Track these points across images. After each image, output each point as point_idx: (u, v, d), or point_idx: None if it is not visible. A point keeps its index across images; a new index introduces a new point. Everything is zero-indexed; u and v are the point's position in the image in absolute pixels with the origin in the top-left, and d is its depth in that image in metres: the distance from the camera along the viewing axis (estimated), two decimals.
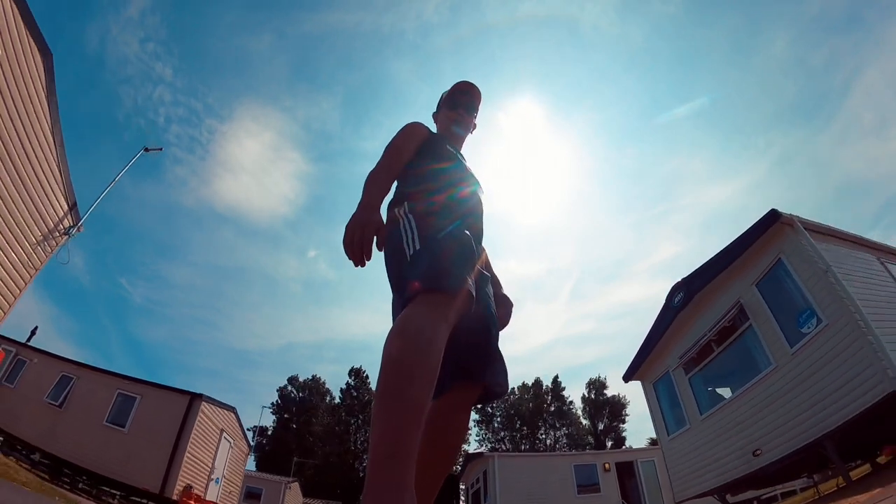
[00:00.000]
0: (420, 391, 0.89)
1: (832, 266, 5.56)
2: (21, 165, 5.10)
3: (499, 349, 1.30)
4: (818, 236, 6.15)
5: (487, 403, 1.36)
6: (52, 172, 5.65)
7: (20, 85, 4.82)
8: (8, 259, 5.14)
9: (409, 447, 0.84)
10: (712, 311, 7.29)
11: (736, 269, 6.85)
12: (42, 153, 5.43)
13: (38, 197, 5.48)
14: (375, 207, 1.18)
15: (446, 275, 1.05)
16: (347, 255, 1.11)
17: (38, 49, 5.01)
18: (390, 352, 0.93)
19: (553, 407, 38.48)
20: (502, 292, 1.52)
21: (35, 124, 5.22)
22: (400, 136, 1.42)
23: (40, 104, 5.26)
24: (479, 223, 1.42)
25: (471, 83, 1.68)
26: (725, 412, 7.01)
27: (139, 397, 10.45)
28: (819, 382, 5.51)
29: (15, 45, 4.65)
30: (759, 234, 6.33)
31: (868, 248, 6.84)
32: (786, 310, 6.11)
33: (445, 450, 1.21)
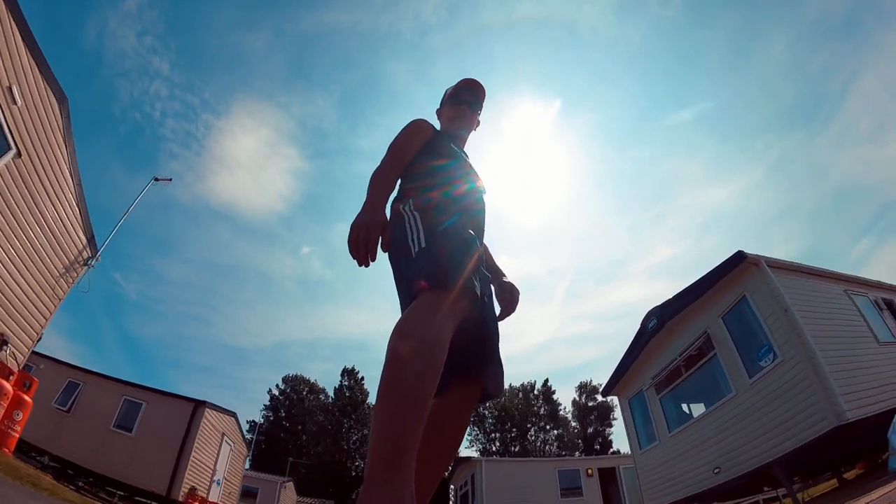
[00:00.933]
0: (423, 390, 0.88)
1: (792, 306, 6.13)
2: (43, 204, 5.54)
3: (497, 350, 1.30)
4: (784, 273, 6.73)
5: (481, 404, 1.36)
6: (71, 209, 6.09)
7: (40, 130, 5.25)
8: (34, 291, 5.59)
9: (411, 445, 0.83)
10: (682, 338, 7.88)
11: (705, 301, 7.42)
12: (62, 192, 5.87)
13: (59, 233, 5.93)
14: (380, 207, 1.20)
15: (452, 273, 1.04)
16: (352, 254, 1.11)
17: (54, 96, 5.44)
18: (395, 349, 0.92)
19: (543, 410, 39.24)
20: (507, 280, 1.51)
21: (55, 165, 5.66)
22: (403, 134, 1.43)
23: (59, 146, 5.69)
24: (482, 219, 1.43)
25: (475, 80, 1.67)
26: (691, 431, 7.62)
27: (145, 403, 10.90)
28: (773, 412, 6.11)
29: (34, 93, 5.07)
30: (726, 271, 6.90)
31: (836, 281, 7.41)
32: (747, 343, 6.70)
33: (444, 448, 1.20)
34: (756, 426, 6.34)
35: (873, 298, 7.52)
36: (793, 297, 6.30)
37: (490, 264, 1.53)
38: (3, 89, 4.56)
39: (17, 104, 4.76)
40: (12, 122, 4.78)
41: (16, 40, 4.59)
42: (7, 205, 4.95)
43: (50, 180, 5.59)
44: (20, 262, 5.29)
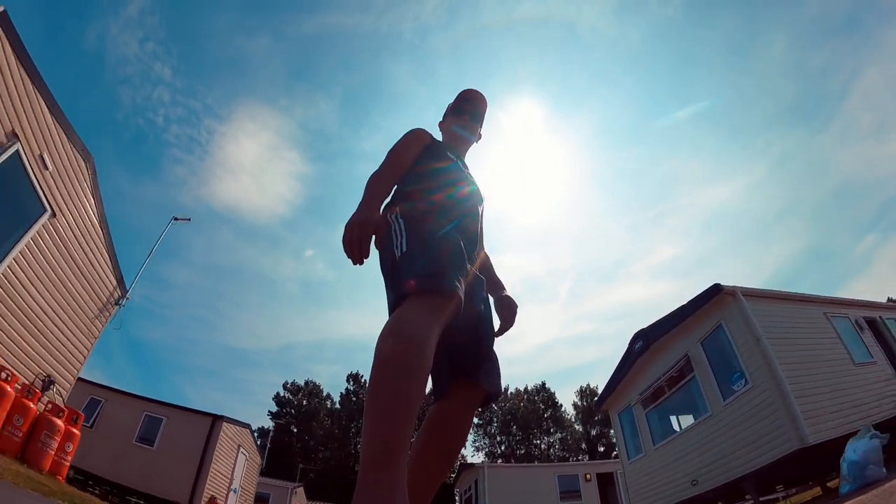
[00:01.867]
0: (412, 390, 0.89)
1: (764, 334, 6.72)
2: (77, 255, 6.23)
3: (492, 349, 1.31)
4: (761, 301, 7.33)
5: (484, 406, 1.37)
6: (101, 256, 6.78)
7: (70, 189, 5.92)
8: (73, 333, 6.30)
9: (401, 447, 0.84)
10: (665, 359, 8.51)
11: (687, 326, 8.04)
12: (93, 242, 6.55)
13: (92, 278, 6.62)
14: (374, 207, 1.21)
15: (436, 276, 1.06)
16: (346, 253, 1.13)
17: (81, 156, 6.10)
18: (382, 351, 0.93)
19: (548, 413, 39.91)
20: (506, 294, 1.52)
21: (85, 219, 6.34)
22: (402, 141, 1.45)
23: (88, 201, 6.37)
24: (476, 225, 1.43)
25: (477, 91, 1.69)
26: (673, 446, 8.26)
27: (165, 418, 11.64)
28: (744, 432, 6.73)
29: (62, 156, 5.72)
30: (704, 301, 7.50)
31: (816, 304, 7.97)
32: (722, 367, 7.32)
33: (444, 452, 1.21)
34: (729, 444, 6.97)
35: (854, 319, 8.05)
36: (766, 325, 6.88)
37: (491, 276, 1.54)
38: (35, 158, 5.22)
39: (48, 169, 5.43)
40: (45, 186, 5.45)
41: (43, 111, 5.25)
42: (46, 261, 5.64)
43: (82, 232, 6.27)
44: (60, 309, 5.99)
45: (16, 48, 4.64)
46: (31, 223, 5.36)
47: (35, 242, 5.42)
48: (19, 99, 4.81)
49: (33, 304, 5.47)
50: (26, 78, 4.86)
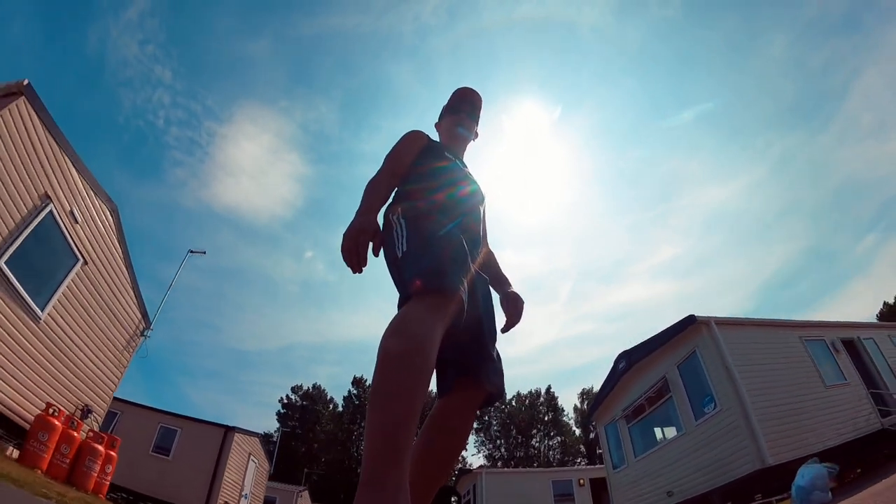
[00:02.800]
0: (415, 388, 0.89)
1: (734, 362, 7.38)
2: (107, 295, 6.95)
3: (495, 349, 1.31)
4: (735, 328, 7.99)
5: (485, 406, 1.37)
6: (128, 293, 7.51)
7: (98, 238, 6.60)
8: (105, 365, 7.02)
9: (404, 446, 0.84)
10: (646, 379, 9.17)
11: (665, 350, 8.70)
12: (120, 282, 7.27)
13: (120, 314, 7.34)
14: (371, 213, 1.22)
15: (438, 276, 1.06)
16: (345, 261, 1.14)
17: (107, 207, 6.78)
18: (385, 350, 0.94)
19: (547, 417, 40.63)
20: (512, 290, 1.52)
21: (113, 263, 7.04)
22: (399, 144, 1.46)
23: (114, 246, 7.07)
24: (478, 224, 1.44)
25: (471, 89, 1.71)
26: (651, 459, 8.95)
27: (179, 430, 12.42)
28: (712, 451, 7.40)
29: (90, 209, 6.40)
30: (680, 330, 8.12)
31: (792, 328, 8.64)
32: (696, 391, 7.98)
33: (446, 451, 1.22)
34: (700, 461, 7.64)
35: (830, 341, 8.65)
36: (737, 353, 7.52)
37: (496, 273, 1.55)
38: (66, 214, 5.91)
39: (78, 222, 6.11)
40: (76, 237, 6.14)
41: (70, 171, 5.91)
42: (80, 304, 6.36)
43: (110, 274, 6.97)
44: (94, 345, 6.72)
45: (42, 118, 5.28)
46: (67, 272, 6.07)
47: (70, 289, 6.14)
48: (48, 163, 5.49)
49: (71, 344, 6.19)
50: (53, 143, 5.53)
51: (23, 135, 5.05)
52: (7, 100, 4.84)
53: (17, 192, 5.08)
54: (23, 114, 5.02)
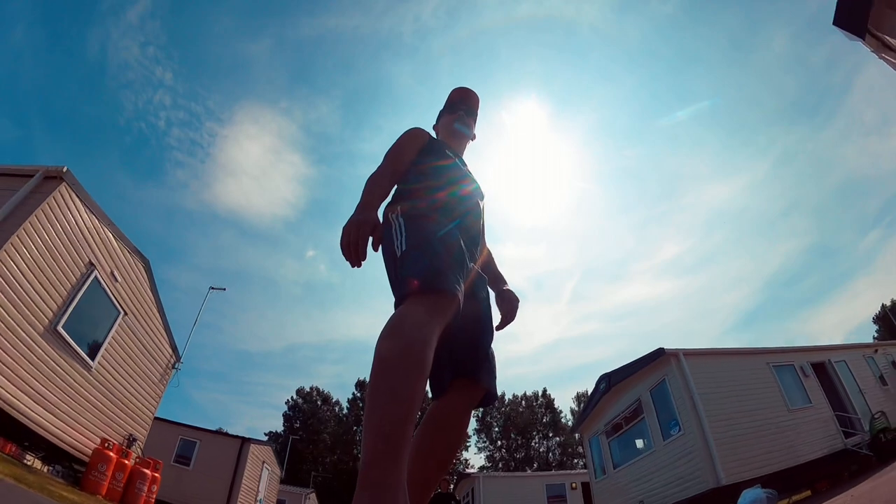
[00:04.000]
0: (411, 388, 0.90)
1: (698, 390, 8.34)
2: (144, 339, 8.04)
3: (490, 350, 1.34)
4: (703, 358, 8.98)
5: (483, 406, 1.38)
6: (160, 334, 8.59)
7: (135, 290, 7.65)
8: (144, 398, 8.12)
9: (402, 446, 0.85)
10: (623, 400, 10.20)
11: (640, 375, 9.71)
12: (154, 325, 8.35)
13: (155, 353, 8.43)
14: (372, 208, 1.22)
15: (436, 276, 1.07)
16: (344, 255, 1.14)
17: (140, 262, 7.81)
18: (381, 351, 0.95)
19: (546, 419, 41.90)
20: (507, 289, 1.54)
21: (148, 310, 8.12)
22: (399, 141, 1.48)
23: (148, 295, 8.14)
24: (477, 223, 1.46)
25: (467, 88, 1.74)
26: (627, 471, 10.04)
27: (198, 442, 13.57)
28: (676, 469, 8.42)
29: (127, 267, 7.43)
30: (652, 360, 9.09)
31: (761, 354, 9.51)
32: (664, 414, 8.98)
33: (443, 450, 1.24)
34: (666, 477, 8.68)
35: (799, 366, 9.49)
36: (702, 382, 8.49)
37: (492, 271, 1.57)
38: (108, 275, 6.93)
39: (118, 281, 7.14)
40: (117, 293, 7.19)
41: (109, 238, 6.92)
42: (123, 349, 7.45)
43: (146, 320, 8.05)
44: (136, 382, 7.82)
45: (82, 198, 6.26)
46: (111, 325, 7.14)
47: (114, 338, 7.21)
48: (90, 235, 6.50)
49: (117, 384, 7.28)
50: (93, 217, 6.54)
51: (67, 215, 6.04)
52: (49, 182, 5.81)
53: (66, 264, 6.11)
54: (65, 197, 5.99)
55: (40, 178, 5.74)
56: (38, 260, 5.59)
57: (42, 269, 5.66)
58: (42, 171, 5.80)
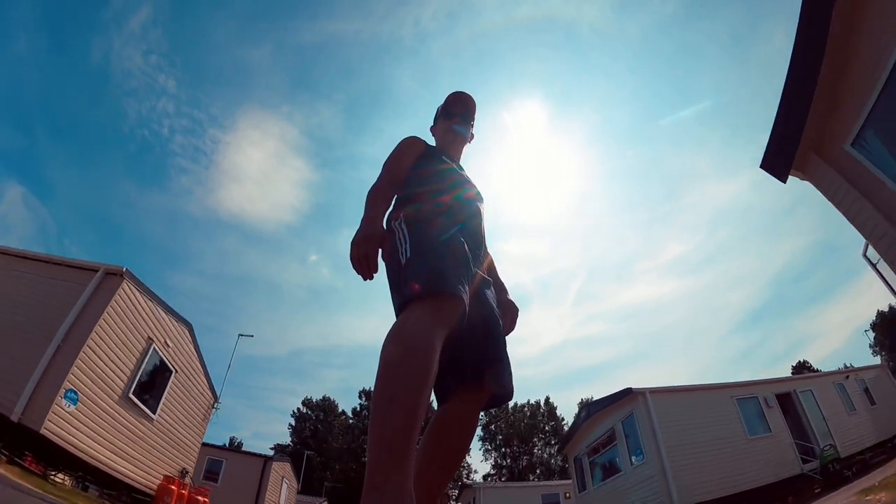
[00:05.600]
0: (417, 393, 0.92)
1: (661, 424, 9.85)
2: (191, 388, 9.86)
3: (503, 351, 1.35)
4: (668, 395, 10.48)
5: (493, 407, 1.35)
6: (203, 382, 10.43)
7: (182, 351, 9.44)
8: (191, 435, 9.85)
9: (408, 449, 0.87)
10: (601, 427, 11.85)
11: (615, 407, 11.35)
12: (198, 376, 10.11)
13: (198, 398, 10.24)
14: (377, 221, 1.28)
15: (440, 280, 1.10)
16: (355, 270, 1.19)
17: (185, 327, 9.49)
18: (387, 355, 0.97)
19: (548, 427, 43.58)
20: (507, 297, 1.57)
21: (193, 365, 9.89)
22: (397, 150, 1.53)
23: (192, 352, 9.91)
24: (480, 227, 1.49)
25: (464, 93, 1.78)
26: (603, 489, 11.69)
27: (225, 461, 15.36)
28: (639, 492, 10.04)
29: (174, 333, 9.14)
30: (622, 397, 10.63)
31: (725, 389, 10.89)
32: (632, 443, 10.57)
33: (450, 452, 1.27)
34: (634, 497, 10.32)
35: (763, 397, 10.78)
36: (665, 416, 10.00)
37: (493, 278, 1.60)
38: (162, 344, 8.60)
39: (169, 347, 8.79)
40: (169, 356, 8.89)
41: (162, 315, 8.62)
42: (176, 400, 9.20)
43: (191, 373, 9.78)
44: (185, 424, 9.60)
45: (140, 289, 7.93)
46: (167, 383, 8.84)
47: (169, 392, 8.89)
48: (147, 316, 8.20)
49: (172, 428, 9.01)
50: (149, 301, 8.23)
51: (130, 306, 7.71)
52: (111, 279, 7.38)
53: (132, 343, 7.80)
54: (128, 292, 7.65)
55: (102, 274, 7.35)
56: (111, 345, 7.28)
57: (115, 352, 7.36)
58: (103, 268, 7.41)
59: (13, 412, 6.06)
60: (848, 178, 4.70)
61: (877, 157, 4.30)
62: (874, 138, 4.31)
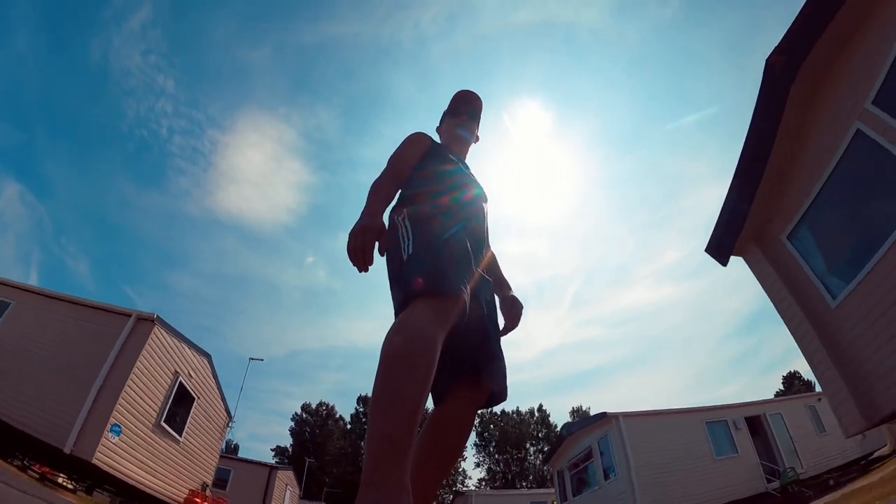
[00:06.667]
0: (417, 389, 0.94)
1: (630, 447, 11.06)
2: (210, 411, 11.06)
3: (499, 350, 1.38)
4: (639, 419, 11.63)
5: (488, 407, 1.35)
6: (220, 405, 11.72)
7: (202, 380, 10.65)
8: (210, 452, 11.08)
9: (406, 445, 0.88)
10: (580, 445, 13.14)
11: (592, 428, 12.64)
12: (215, 400, 11.49)
13: (216, 418, 11.51)
14: (377, 214, 1.28)
15: (441, 278, 1.12)
16: (351, 260, 1.20)
17: (205, 358, 10.68)
18: (387, 351, 0.99)
19: (541, 433, 44.94)
20: (511, 294, 1.60)
21: (211, 391, 11.19)
22: (403, 145, 1.55)
23: (210, 381, 11.11)
24: (482, 227, 1.50)
25: (470, 91, 1.79)
26: (582, 501, 12.91)
27: (232, 470, 16.59)
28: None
29: (197, 366, 10.37)
30: (599, 419, 11.86)
31: (697, 413, 12.06)
32: (607, 460, 11.83)
33: (447, 451, 1.29)
34: None
35: (732, 420, 11.90)
36: (636, 438, 11.24)
37: (497, 275, 1.63)
38: (186, 375, 9.80)
39: (192, 377, 9.97)
40: (192, 385, 10.14)
41: (186, 351, 9.81)
42: (198, 422, 10.47)
43: (210, 398, 11.04)
44: (205, 443, 10.85)
45: (169, 331, 9.11)
46: (190, 409, 10.04)
47: (192, 417, 10.10)
48: (174, 353, 9.39)
49: (195, 448, 10.27)
50: (175, 340, 9.42)
51: (160, 345, 8.91)
52: (144, 324, 8.55)
53: (161, 377, 9.00)
54: (160, 335, 8.84)
55: (135, 320, 8.51)
56: (146, 382, 8.48)
57: (148, 387, 8.55)
58: (135, 314, 8.56)
59: (66, 445, 7.25)
60: (778, 269, 5.14)
61: (806, 253, 4.80)
62: (807, 235, 4.82)
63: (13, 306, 8.57)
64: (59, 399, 7.60)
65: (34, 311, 8.56)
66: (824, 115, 4.35)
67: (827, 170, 4.27)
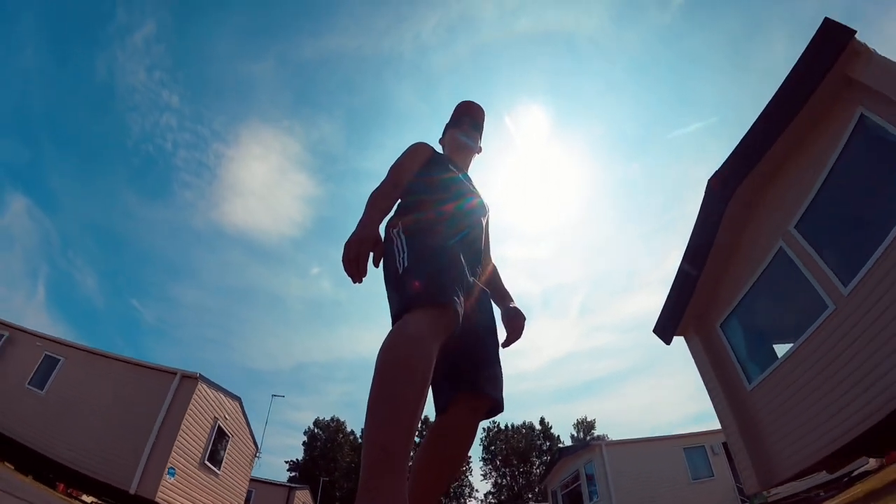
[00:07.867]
0: (412, 398, 0.95)
1: (611, 472, 12.59)
2: (241, 445, 12.69)
3: (496, 360, 1.40)
4: (621, 446, 13.15)
5: (487, 417, 1.35)
6: (249, 439, 13.31)
7: (235, 420, 12.28)
8: (240, 480, 12.73)
9: (403, 453, 0.89)
10: (569, 469, 14.72)
11: (580, 454, 14.21)
12: (245, 436, 13.27)
13: (245, 451, 13.09)
14: (373, 225, 1.28)
15: (436, 290, 1.14)
16: (345, 271, 1.21)
17: (236, 400, 12.35)
18: (382, 361, 1.01)
19: (545, 446, 45.87)
20: (513, 306, 1.61)
21: (242, 429, 12.79)
22: (403, 156, 1.55)
23: (242, 419, 12.64)
24: (480, 238, 1.53)
25: (473, 102, 1.83)
26: None
27: (254, 490, 18.27)
28: None
29: (230, 408, 12.74)
30: (584, 447, 13.45)
31: (675, 440, 13.55)
32: (591, 483, 13.33)
33: (448, 461, 1.31)
34: None
35: (710, 446, 13.24)
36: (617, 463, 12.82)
37: (498, 287, 1.67)
38: (223, 419, 11.43)
39: (227, 419, 11.64)
40: (227, 427, 11.78)
41: (224, 399, 11.45)
42: (233, 457, 12.04)
43: (241, 435, 12.66)
44: (237, 473, 12.44)
45: (210, 386, 10.78)
46: (226, 447, 11.73)
47: (228, 454, 11.78)
48: (214, 402, 11.06)
49: (230, 479, 11.98)
50: (215, 391, 11.11)
51: (203, 398, 10.65)
52: (188, 381, 10.22)
53: (203, 423, 10.70)
54: (203, 390, 10.56)
55: (180, 378, 10.18)
56: (193, 429, 10.20)
57: (195, 433, 10.28)
58: (180, 373, 10.24)
59: (131, 486, 8.92)
60: (709, 353, 5.71)
61: (734, 340, 5.34)
62: (736, 325, 5.34)
63: (63, 363, 10.00)
64: (119, 447, 9.26)
65: (83, 367, 9.98)
66: (754, 231, 4.86)
67: (753, 277, 4.84)
